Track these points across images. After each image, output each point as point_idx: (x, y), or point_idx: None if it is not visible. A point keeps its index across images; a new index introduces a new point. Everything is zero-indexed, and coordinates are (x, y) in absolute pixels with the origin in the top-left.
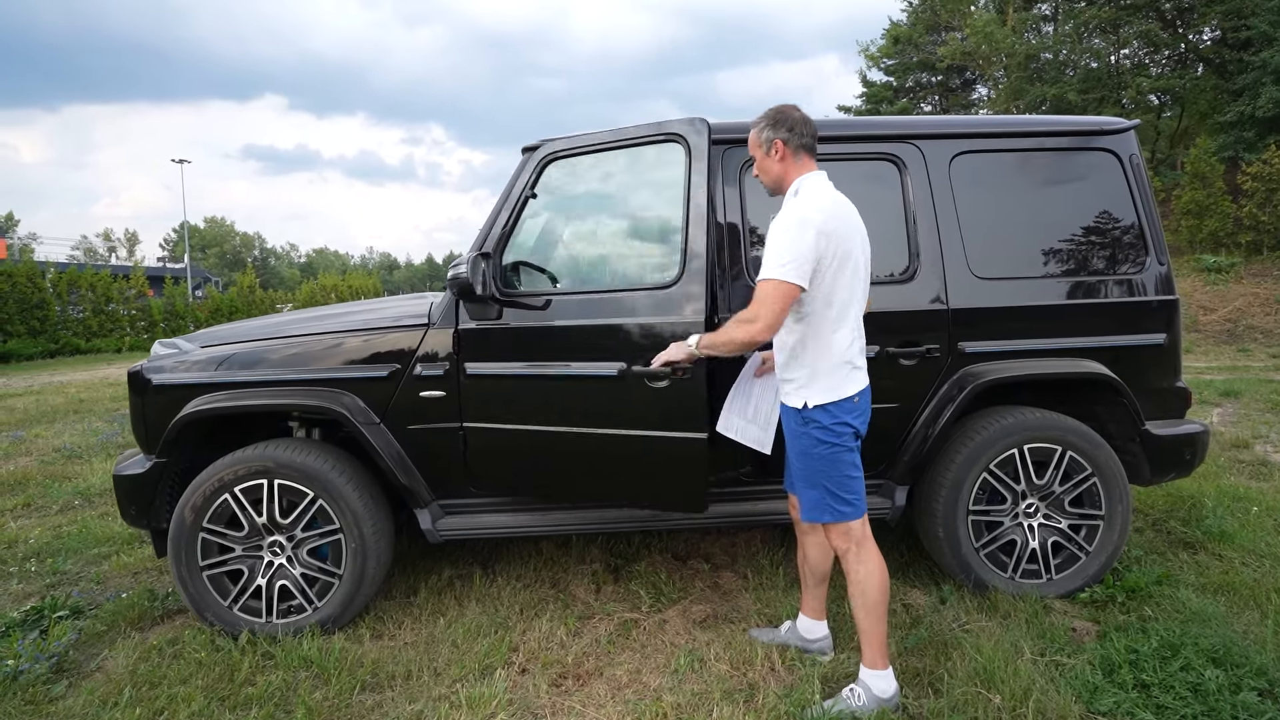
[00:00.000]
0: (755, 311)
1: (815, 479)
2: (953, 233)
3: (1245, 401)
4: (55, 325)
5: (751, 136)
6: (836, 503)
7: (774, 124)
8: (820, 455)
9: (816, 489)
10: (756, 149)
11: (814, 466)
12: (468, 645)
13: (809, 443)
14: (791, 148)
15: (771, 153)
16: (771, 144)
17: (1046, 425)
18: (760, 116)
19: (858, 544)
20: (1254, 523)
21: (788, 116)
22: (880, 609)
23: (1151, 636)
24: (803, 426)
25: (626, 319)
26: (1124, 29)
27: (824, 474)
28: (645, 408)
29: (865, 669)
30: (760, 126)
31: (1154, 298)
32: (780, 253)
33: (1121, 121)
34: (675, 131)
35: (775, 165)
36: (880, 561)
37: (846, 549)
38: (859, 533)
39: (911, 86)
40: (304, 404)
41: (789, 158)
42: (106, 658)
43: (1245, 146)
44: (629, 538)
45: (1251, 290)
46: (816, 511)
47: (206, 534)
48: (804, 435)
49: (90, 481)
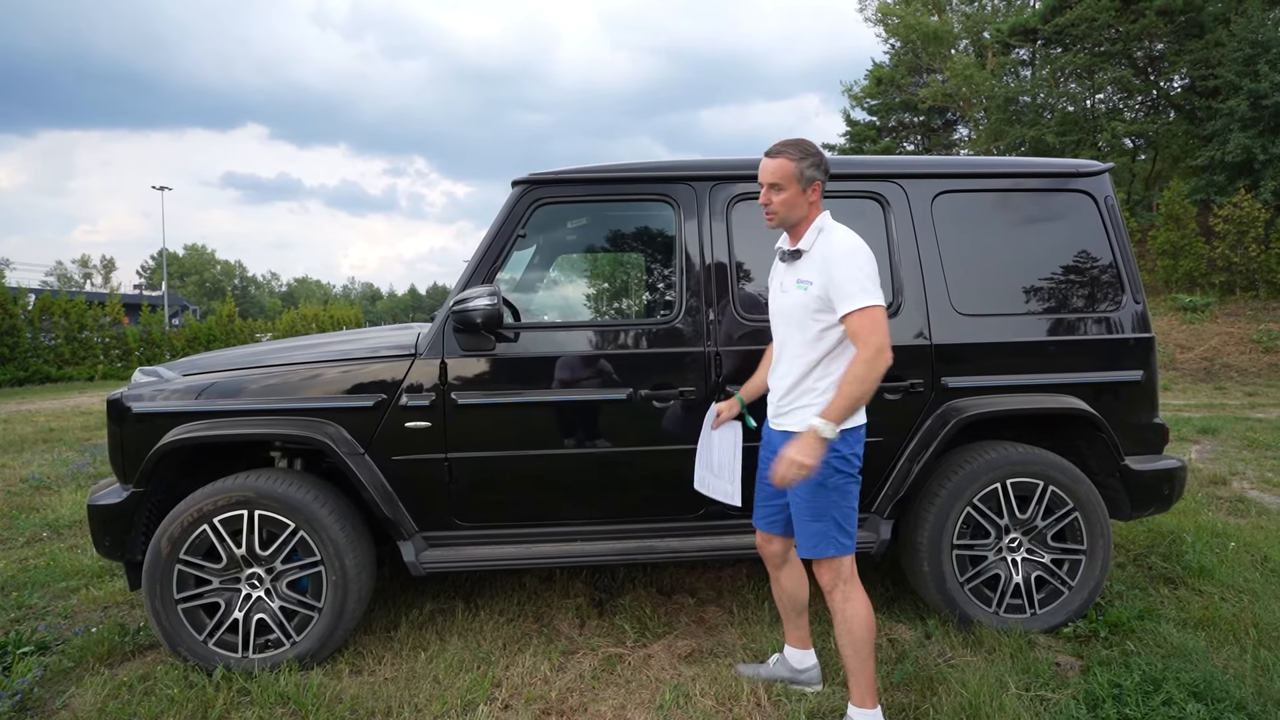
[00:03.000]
0: (880, 340)
1: (825, 511)
2: (935, 269)
3: (1222, 439)
4: (25, 352)
5: (787, 168)
6: (841, 535)
7: (818, 164)
8: (835, 485)
9: (824, 521)
10: (794, 182)
11: (827, 498)
12: (449, 681)
13: (826, 472)
14: (822, 190)
15: (809, 192)
16: (813, 184)
17: (1029, 460)
18: (793, 149)
19: (845, 581)
20: (1232, 558)
21: (824, 159)
22: (868, 647)
23: (1134, 671)
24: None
25: (631, 349)
26: (1099, 74)
27: (836, 505)
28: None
29: (854, 708)
30: (804, 162)
31: (1131, 335)
32: (864, 279)
33: (1097, 164)
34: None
35: (805, 205)
36: (866, 599)
37: (834, 586)
38: (848, 570)
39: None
40: (287, 434)
41: (819, 200)
42: (74, 695)
43: (1216, 190)
44: (613, 572)
45: (1226, 329)
46: (822, 545)
47: (183, 566)
48: (822, 465)
49: (59, 513)
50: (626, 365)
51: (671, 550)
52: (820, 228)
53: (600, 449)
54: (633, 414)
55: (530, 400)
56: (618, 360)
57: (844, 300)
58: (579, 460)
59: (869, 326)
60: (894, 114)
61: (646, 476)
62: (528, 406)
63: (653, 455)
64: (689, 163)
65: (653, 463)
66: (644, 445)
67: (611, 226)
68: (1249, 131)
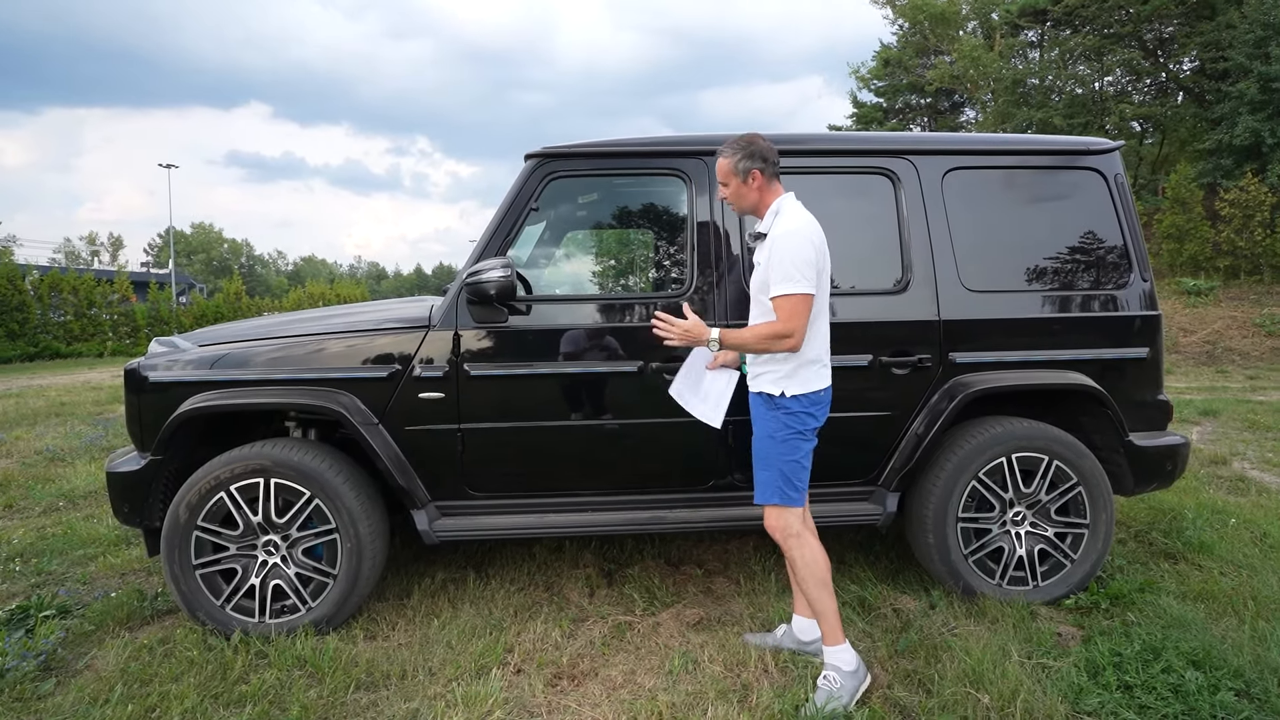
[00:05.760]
0: (789, 326)
1: (772, 461)
2: (945, 246)
3: (1224, 420)
4: (35, 328)
5: (724, 165)
6: (787, 486)
7: (749, 155)
8: (783, 439)
9: (770, 470)
10: (731, 177)
11: (774, 450)
12: (462, 646)
13: (776, 425)
14: (766, 176)
15: (749, 181)
16: (749, 173)
17: (1034, 435)
18: (729, 147)
19: (797, 535)
20: (1232, 535)
21: (760, 146)
22: (829, 586)
23: (1134, 640)
24: (773, 410)
25: (642, 323)
26: (1107, 57)
27: (781, 457)
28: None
29: (828, 649)
30: (736, 157)
31: (1137, 313)
32: (791, 267)
33: (1107, 142)
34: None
35: (753, 192)
36: (819, 545)
37: (785, 536)
38: (797, 525)
39: (901, 108)
40: (302, 403)
41: (764, 184)
42: (95, 656)
43: (1223, 174)
44: (622, 542)
45: (1230, 313)
46: (766, 492)
47: (201, 532)
48: (773, 419)
49: (74, 484)
50: (637, 338)
51: (681, 521)
52: (776, 210)
53: (611, 421)
54: (644, 386)
55: (542, 372)
56: (629, 333)
57: (774, 284)
58: (590, 432)
59: (791, 312)
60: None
61: (657, 448)
62: (540, 378)
63: (663, 427)
64: (700, 138)
65: (663, 435)
66: (654, 417)
67: (623, 200)
68: (1258, 115)
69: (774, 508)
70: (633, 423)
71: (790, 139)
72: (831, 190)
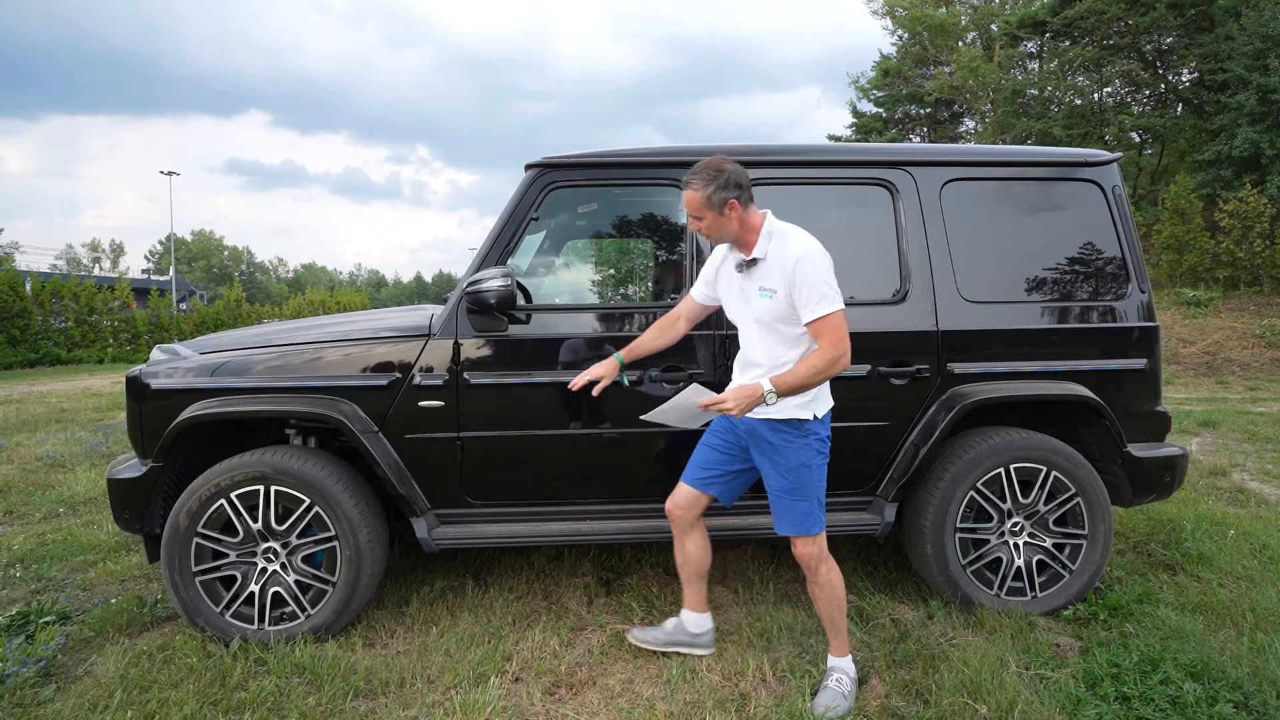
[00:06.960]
0: (841, 346)
1: (809, 491)
2: (943, 257)
3: (1223, 431)
4: (36, 334)
5: (694, 198)
6: (821, 512)
7: (723, 185)
8: (817, 466)
9: (809, 500)
10: (705, 210)
11: (811, 478)
12: (461, 654)
13: (809, 454)
14: (742, 202)
15: (726, 212)
16: (725, 204)
17: (1032, 446)
18: (698, 178)
19: (820, 549)
20: (1231, 546)
21: (731, 173)
22: (845, 604)
23: (1132, 652)
24: (804, 438)
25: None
26: (1107, 68)
27: (818, 484)
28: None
29: (838, 659)
30: (708, 189)
31: (1136, 324)
32: (822, 284)
33: (1105, 154)
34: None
35: (732, 223)
36: (836, 564)
37: (819, 560)
38: (823, 540)
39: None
40: (303, 411)
41: (741, 211)
42: (95, 662)
43: (1222, 185)
44: (620, 551)
45: (1229, 324)
46: (808, 523)
47: (201, 539)
48: (804, 445)
49: (74, 490)
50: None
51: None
52: (770, 233)
53: (610, 430)
54: (643, 396)
55: (542, 381)
56: (628, 343)
57: (807, 308)
58: (589, 441)
59: (832, 334)
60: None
61: (656, 457)
62: (539, 387)
63: (662, 436)
64: (699, 148)
65: (662, 444)
66: (653, 427)
67: (623, 210)
68: (1257, 126)
69: (809, 536)
70: (632, 432)
71: (788, 150)
72: (830, 201)
